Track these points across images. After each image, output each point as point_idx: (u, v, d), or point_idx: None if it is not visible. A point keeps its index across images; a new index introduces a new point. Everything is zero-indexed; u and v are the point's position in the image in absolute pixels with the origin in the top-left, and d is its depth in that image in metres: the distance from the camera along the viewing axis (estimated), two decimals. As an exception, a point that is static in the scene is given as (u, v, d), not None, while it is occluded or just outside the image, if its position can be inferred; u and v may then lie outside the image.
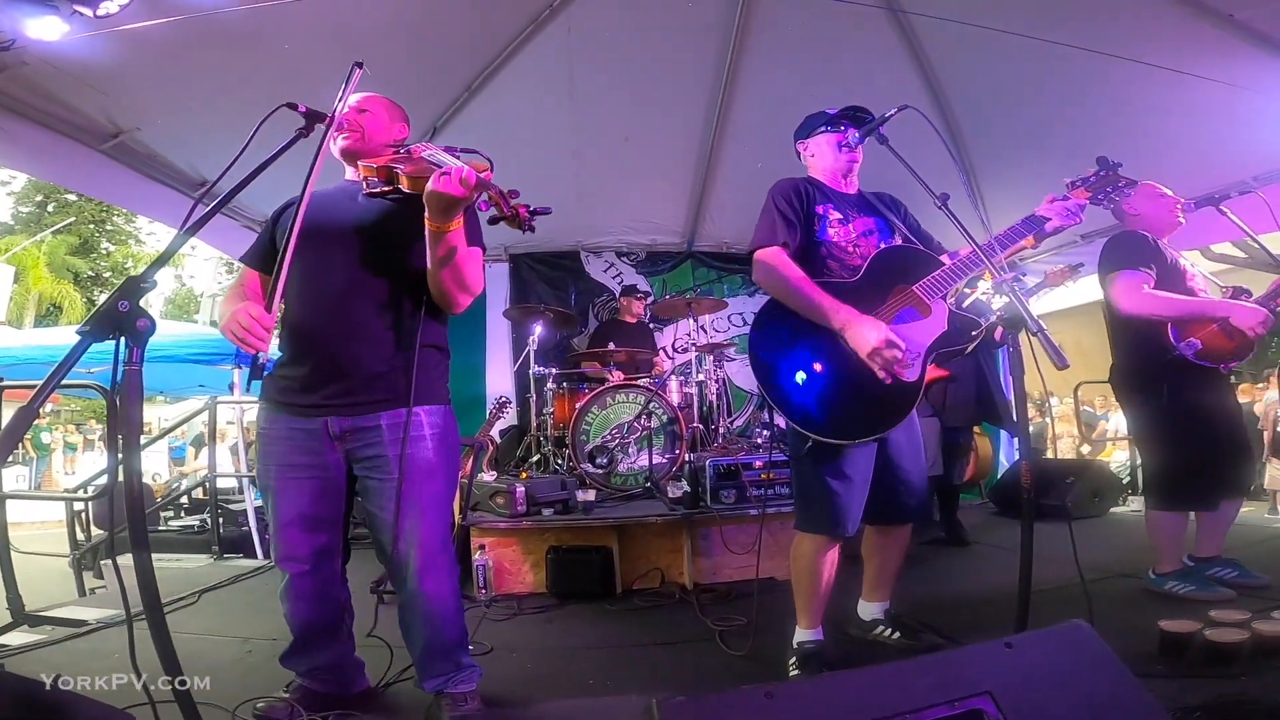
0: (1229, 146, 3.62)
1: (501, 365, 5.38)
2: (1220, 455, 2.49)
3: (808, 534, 2.08)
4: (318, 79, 1.88)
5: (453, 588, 1.85)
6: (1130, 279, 2.51)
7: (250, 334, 1.52)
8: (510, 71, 4.00)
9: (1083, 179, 2.06)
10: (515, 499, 3.20)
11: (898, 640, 2.26)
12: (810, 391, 1.96)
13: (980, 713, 0.98)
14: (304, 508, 1.77)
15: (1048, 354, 1.54)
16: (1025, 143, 4.20)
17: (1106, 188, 2.03)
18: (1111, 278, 2.57)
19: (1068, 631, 1.10)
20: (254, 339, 1.52)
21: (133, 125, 3.37)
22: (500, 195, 1.52)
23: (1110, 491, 4.57)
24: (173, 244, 1.41)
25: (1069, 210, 1.98)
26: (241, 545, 4.21)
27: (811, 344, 1.98)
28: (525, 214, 1.51)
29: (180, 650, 1.32)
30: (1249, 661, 1.81)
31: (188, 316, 17.73)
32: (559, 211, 1.60)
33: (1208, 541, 2.61)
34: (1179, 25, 3.06)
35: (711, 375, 4.47)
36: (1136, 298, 2.49)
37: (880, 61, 3.96)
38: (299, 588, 1.81)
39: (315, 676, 1.88)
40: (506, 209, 1.52)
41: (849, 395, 1.95)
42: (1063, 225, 1.99)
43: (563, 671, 2.24)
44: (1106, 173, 2.04)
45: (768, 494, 3.18)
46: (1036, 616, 1.59)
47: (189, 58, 3.08)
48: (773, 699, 1.01)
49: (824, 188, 2.17)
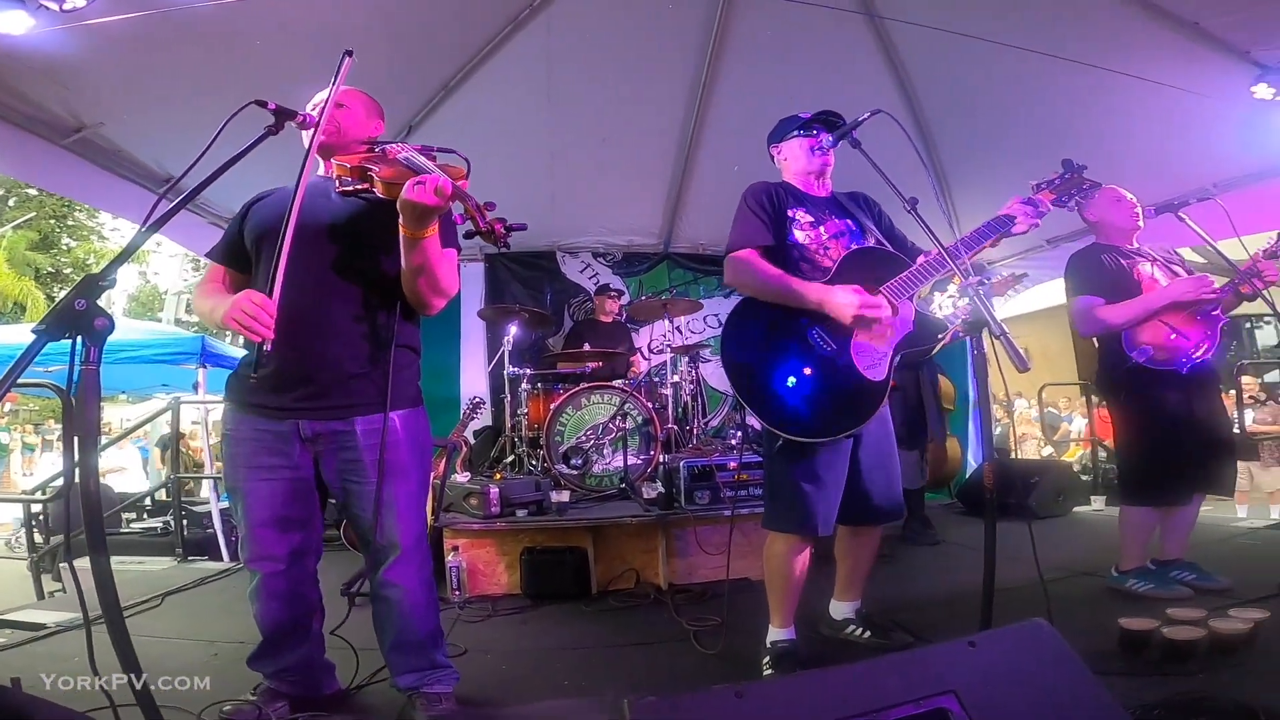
0: (1191, 153, 3.72)
1: (476, 366, 5.34)
2: (1185, 453, 2.56)
3: (780, 534, 2.11)
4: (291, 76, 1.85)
5: (423, 580, 1.85)
6: (1082, 304, 2.67)
7: (257, 321, 1.49)
8: (488, 70, 3.97)
9: (1048, 181, 2.11)
10: (489, 500, 3.18)
11: (869, 639, 2.29)
12: (781, 391, 1.98)
13: (945, 711, 0.99)
14: (277, 509, 1.75)
15: (1009, 356, 1.57)
16: (995, 145, 4.28)
17: (1071, 189, 2.09)
18: (1070, 303, 2.74)
19: (1028, 630, 1.12)
20: (260, 326, 1.49)
21: (96, 120, 3.28)
22: (477, 209, 1.50)
23: (1073, 491, 4.67)
24: (134, 241, 1.38)
25: (1035, 211, 2.03)
26: (206, 548, 4.13)
27: (782, 344, 2.01)
28: (500, 230, 1.49)
29: (144, 653, 1.30)
30: (1205, 659, 1.87)
31: (152, 314, 17.28)
32: (535, 211, 1.61)
33: (1171, 544, 2.69)
34: (1144, 32, 3.12)
35: (686, 376, 4.49)
36: (1089, 322, 2.65)
37: (857, 66, 4.01)
38: (271, 587, 1.78)
39: (283, 678, 1.85)
40: (482, 223, 1.50)
41: (819, 394, 1.98)
42: (1030, 226, 2.03)
43: (537, 672, 2.24)
44: (1071, 175, 2.09)
45: (740, 495, 3.20)
46: (1002, 614, 1.62)
47: (157, 53, 3.01)
48: (742, 698, 1.02)
49: (796, 191, 2.20)
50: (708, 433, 4.53)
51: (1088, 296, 2.65)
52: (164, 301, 20.17)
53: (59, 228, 19.25)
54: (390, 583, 1.81)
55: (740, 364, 2.03)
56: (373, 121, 1.92)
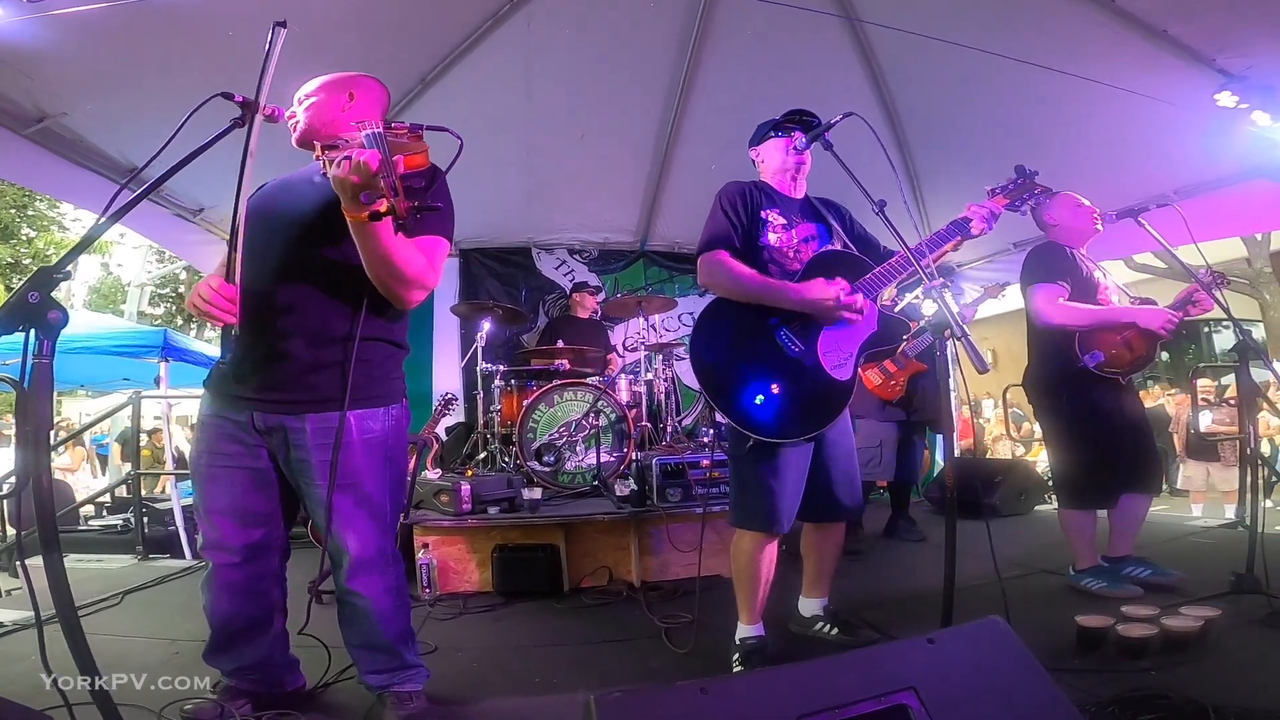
0: (1152, 159, 3.81)
1: (449, 361, 5.30)
2: (1119, 457, 2.66)
3: (746, 531, 2.13)
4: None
5: (386, 587, 1.79)
6: (1046, 292, 2.68)
7: (214, 305, 1.46)
8: (467, 64, 3.94)
9: (1001, 186, 2.16)
10: (460, 497, 3.15)
11: (836, 636, 2.32)
12: (749, 392, 2.00)
13: (904, 708, 1.02)
14: (235, 498, 1.71)
15: (969, 357, 1.60)
16: (966, 148, 4.35)
17: (1023, 194, 2.15)
18: (1030, 290, 2.75)
19: (986, 628, 1.15)
20: (218, 310, 1.47)
21: (59, 110, 3.19)
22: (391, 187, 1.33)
23: (1034, 490, 4.78)
24: (91, 231, 1.35)
25: (988, 214, 2.07)
26: (168, 545, 4.02)
27: (751, 346, 2.03)
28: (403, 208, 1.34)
29: (104, 651, 1.28)
30: (1158, 656, 1.93)
31: (114, 307, 16.77)
32: (511, 207, 1.59)
33: (1119, 542, 2.77)
34: (1115, 39, 3.18)
35: (661, 374, 4.50)
36: (1052, 310, 2.67)
37: (835, 68, 4.05)
38: (223, 579, 1.74)
39: (242, 676, 1.81)
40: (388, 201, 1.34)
41: (787, 396, 2.00)
42: (983, 229, 2.07)
43: (509, 670, 2.22)
44: (1023, 180, 2.15)
45: (712, 492, 3.22)
46: (965, 611, 1.64)
47: (124, 42, 2.94)
48: (707, 694, 1.03)
49: (771, 192, 2.22)
50: (681, 431, 4.54)
51: (1052, 285, 2.67)
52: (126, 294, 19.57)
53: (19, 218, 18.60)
54: (352, 591, 1.76)
55: (709, 365, 2.04)
56: (357, 103, 1.81)
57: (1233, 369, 2.68)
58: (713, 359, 2.04)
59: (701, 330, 2.10)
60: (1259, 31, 2.92)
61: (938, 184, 4.68)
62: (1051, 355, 2.74)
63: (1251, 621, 2.19)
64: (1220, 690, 1.66)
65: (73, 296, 17.76)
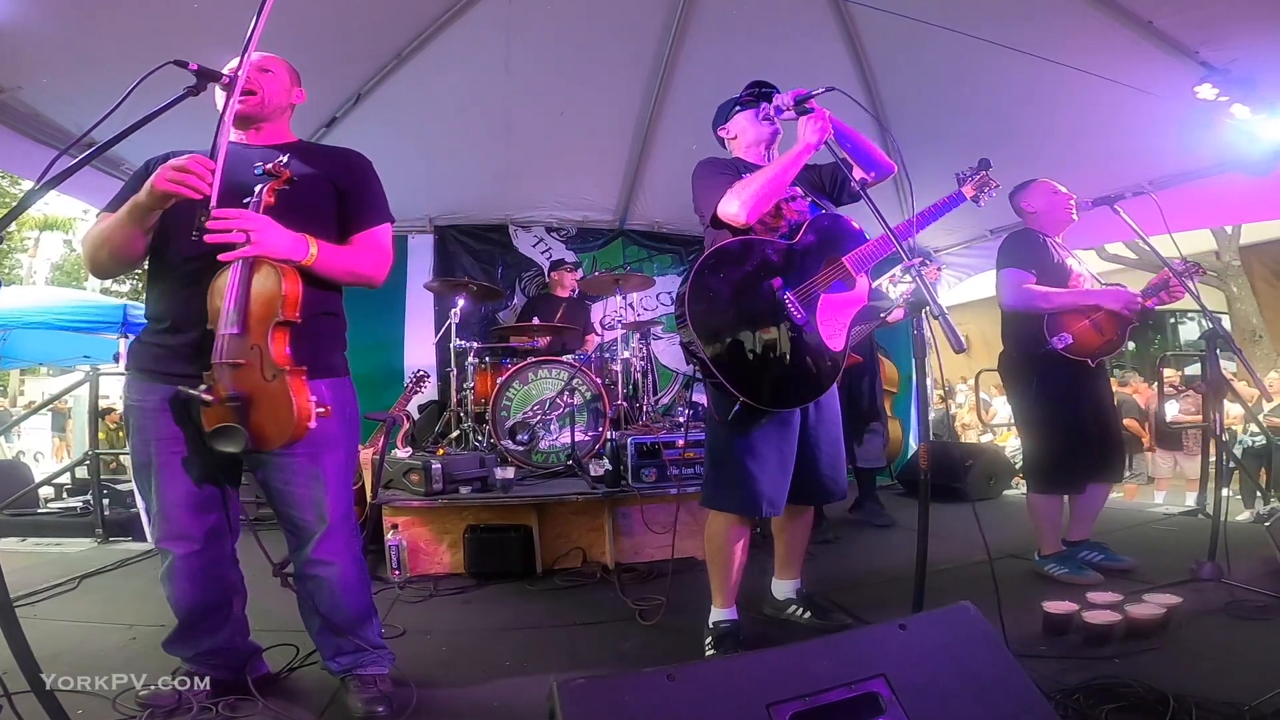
0: (1131, 149, 3.82)
1: (422, 338, 5.19)
2: (1086, 442, 2.70)
3: (720, 513, 2.10)
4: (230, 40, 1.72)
5: (354, 555, 1.81)
6: (1012, 276, 2.73)
7: (190, 175, 1.44)
8: (445, 39, 3.80)
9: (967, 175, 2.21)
10: (431, 476, 3.10)
11: (809, 620, 2.33)
12: (747, 353, 1.95)
13: (875, 695, 1.01)
14: (190, 483, 1.66)
15: (946, 336, 1.60)
16: (947, 131, 4.31)
17: (984, 186, 2.20)
18: (999, 274, 2.80)
19: (956, 613, 1.14)
20: (196, 180, 1.44)
21: (13, 84, 3.05)
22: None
23: (1003, 474, 4.85)
24: (25, 199, 1.28)
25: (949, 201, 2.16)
26: (130, 528, 3.91)
27: (747, 308, 1.96)
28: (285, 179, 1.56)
29: (58, 638, 1.23)
30: (1122, 643, 1.96)
31: (78, 284, 16.25)
32: (488, 183, 1.56)
33: (1078, 526, 2.83)
34: (1099, 28, 3.16)
35: (638, 353, 4.46)
36: (1015, 293, 2.71)
37: (819, 49, 3.99)
38: (186, 567, 1.70)
39: (202, 662, 1.78)
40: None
41: (786, 361, 1.96)
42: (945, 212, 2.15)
43: (479, 653, 2.20)
44: (981, 173, 2.19)
45: (687, 473, 3.20)
46: (937, 595, 1.65)
47: (81, 14, 2.83)
48: (674, 681, 1.01)
49: (749, 166, 2.17)
50: (657, 410, 4.52)
51: (1019, 270, 2.73)
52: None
53: (-24, 196, 17.89)
54: (320, 560, 1.74)
55: (703, 322, 1.92)
56: (295, 90, 1.89)
57: (1199, 358, 2.73)
58: (708, 316, 1.93)
59: (696, 286, 1.94)
60: (1243, 25, 2.93)
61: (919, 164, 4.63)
62: (1021, 338, 2.77)
63: (1212, 609, 2.22)
64: (1182, 679, 1.68)
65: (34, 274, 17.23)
